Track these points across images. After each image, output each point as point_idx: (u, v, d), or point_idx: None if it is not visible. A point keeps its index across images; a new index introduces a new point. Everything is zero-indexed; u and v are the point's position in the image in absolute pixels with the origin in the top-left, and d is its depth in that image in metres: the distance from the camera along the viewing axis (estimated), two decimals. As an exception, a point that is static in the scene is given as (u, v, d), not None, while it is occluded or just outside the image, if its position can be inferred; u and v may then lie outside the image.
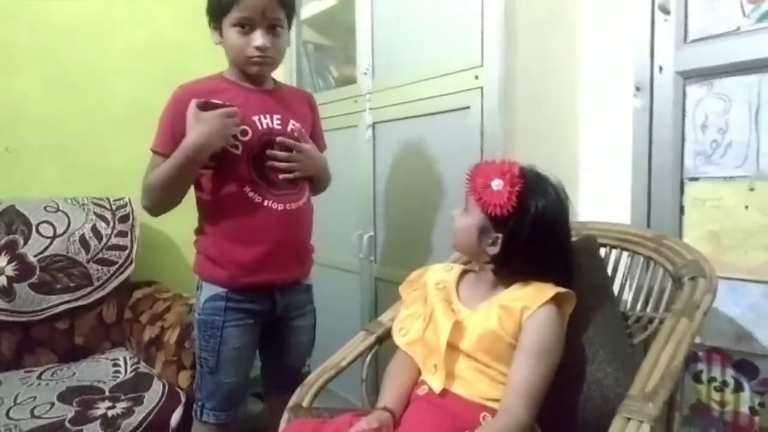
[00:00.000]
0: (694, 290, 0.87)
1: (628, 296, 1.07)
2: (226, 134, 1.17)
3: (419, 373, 1.00)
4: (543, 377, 0.86)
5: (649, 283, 1.03)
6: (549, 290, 0.90)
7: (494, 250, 0.94)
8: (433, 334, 0.97)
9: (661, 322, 0.96)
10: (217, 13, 1.20)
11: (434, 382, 0.94)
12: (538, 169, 0.98)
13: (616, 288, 1.09)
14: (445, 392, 0.93)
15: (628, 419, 0.70)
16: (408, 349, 1.02)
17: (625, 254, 1.10)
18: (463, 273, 1.07)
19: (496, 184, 0.92)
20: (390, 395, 0.98)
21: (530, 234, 0.91)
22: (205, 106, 1.16)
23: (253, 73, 1.26)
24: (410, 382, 1.00)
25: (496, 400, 0.89)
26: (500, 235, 0.93)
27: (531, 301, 0.89)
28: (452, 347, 0.94)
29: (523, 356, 0.87)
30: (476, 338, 0.91)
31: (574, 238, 1.17)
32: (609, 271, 1.11)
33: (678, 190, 1.26)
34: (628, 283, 1.09)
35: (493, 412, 0.88)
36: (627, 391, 0.84)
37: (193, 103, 1.16)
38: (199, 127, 1.15)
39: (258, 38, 1.19)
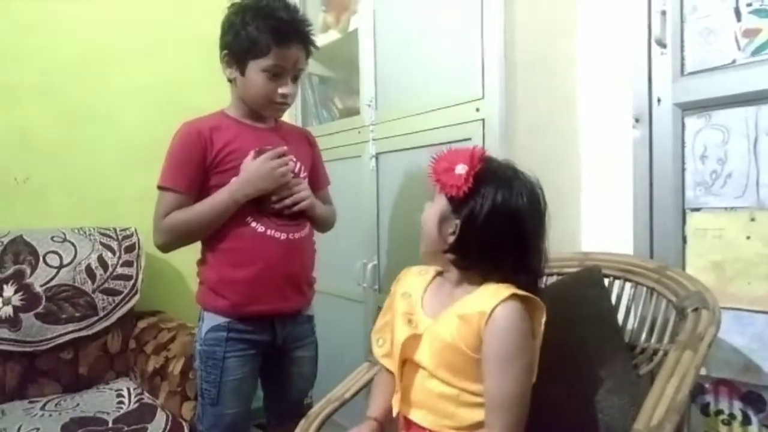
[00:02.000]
0: (698, 322, 0.87)
1: (632, 327, 1.07)
2: (274, 177, 1.22)
3: None
4: (515, 385, 0.82)
5: (653, 314, 1.03)
6: (506, 291, 0.84)
7: (453, 238, 0.89)
8: (394, 349, 0.95)
9: (666, 353, 0.95)
10: (246, 55, 1.23)
11: (395, 403, 0.93)
12: (515, 165, 0.94)
13: (620, 318, 1.09)
14: (407, 423, 0.92)
15: (633, 453, 0.69)
16: (384, 362, 1.00)
17: (628, 285, 1.10)
18: (435, 277, 1.02)
19: (460, 168, 0.88)
20: (377, 407, 0.99)
21: (485, 221, 0.86)
22: (258, 155, 1.23)
23: (269, 115, 1.31)
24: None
25: (475, 427, 0.85)
26: (458, 221, 0.89)
27: (486, 304, 0.83)
28: (412, 364, 0.91)
29: (488, 368, 0.83)
30: (436, 352, 0.88)
31: (576, 269, 1.18)
32: (613, 301, 1.11)
33: (680, 220, 1.27)
34: (632, 313, 1.09)
35: None
36: (632, 423, 0.84)
37: (251, 154, 1.23)
38: (246, 175, 1.21)
39: (287, 86, 1.25)
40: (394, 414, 0.92)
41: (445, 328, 0.88)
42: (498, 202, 0.86)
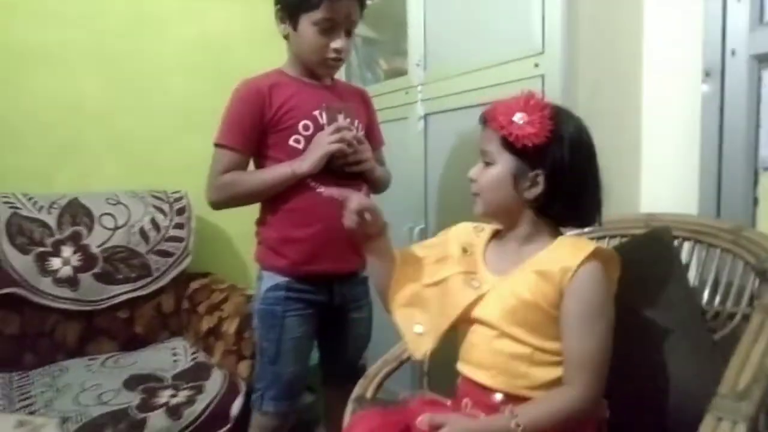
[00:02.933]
0: (783, 284, 0.83)
1: (703, 290, 1.02)
2: (326, 151, 1.20)
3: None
4: (597, 345, 0.80)
5: (729, 277, 0.98)
6: (588, 246, 0.82)
7: (537, 190, 0.85)
8: (440, 300, 0.92)
9: (745, 317, 0.92)
10: (298, 8, 1.20)
11: (415, 346, 0.92)
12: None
13: (690, 281, 1.04)
14: (469, 385, 0.90)
15: (720, 419, 0.67)
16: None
17: (698, 246, 1.05)
18: (493, 236, 0.98)
19: (519, 117, 0.83)
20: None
21: (571, 161, 0.83)
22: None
23: (323, 73, 1.28)
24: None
25: (548, 385, 0.82)
26: (540, 171, 0.84)
27: (570, 260, 0.81)
28: (470, 323, 0.89)
29: (570, 325, 0.81)
30: (509, 310, 0.84)
31: (641, 230, 1.14)
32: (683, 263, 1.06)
33: (751, 180, 1.21)
34: (702, 276, 1.05)
35: None
36: (711, 388, 0.81)
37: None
38: (312, 153, 1.21)
39: (339, 41, 1.22)
40: (419, 356, 0.92)
41: (521, 285, 0.84)
42: (576, 139, 0.84)
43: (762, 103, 1.19)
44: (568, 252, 0.83)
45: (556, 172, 0.84)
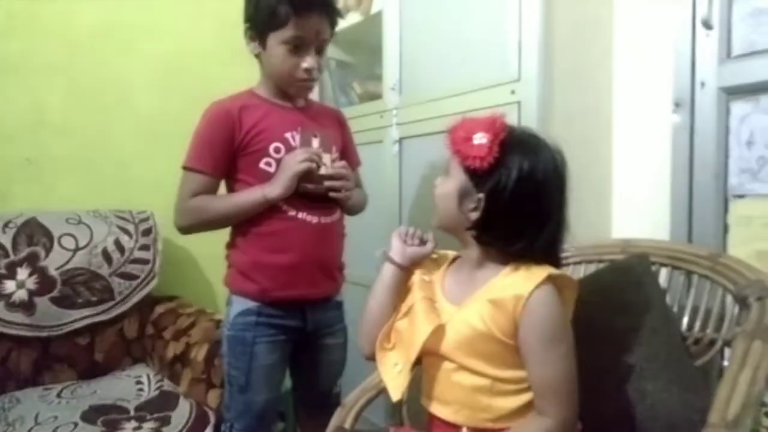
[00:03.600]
0: (764, 311, 0.84)
1: (683, 316, 1.03)
2: (295, 172, 1.17)
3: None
4: (563, 370, 0.79)
5: (707, 303, 1.00)
6: (541, 272, 0.80)
7: (476, 214, 0.83)
8: (408, 329, 0.90)
9: (726, 344, 0.93)
10: (266, 27, 1.18)
11: (394, 385, 0.89)
12: (537, 132, 0.88)
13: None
14: (433, 421, 0.89)
15: (713, 448, 0.66)
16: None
17: (676, 272, 1.07)
18: (452, 261, 0.98)
19: (479, 137, 0.81)
20: None
21: (514, 193, 0.80)
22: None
23: (295, 93, 1.26)
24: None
25: (511, 415, 0.82)
26: (482, 195, 0.82)
27: (521, 287, 0.79)
28: (434, 354, 0.86)
29: (531, 354, 0.79)
30: (465, 341, 0.83)
31: (618, 256, 1.15)
32: (660, 289, 1.08)
33: (722, 207, 1.24)
34: (680, 302, 1.06)
35: None
36: (696, 415, 0.81)
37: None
38: (281, 176, 1.17)
39: (310, 59, 1.19)
40: (395, 399, 0.89)
41: (474, 315, 0.82)
42: (525, 172, 0.80)
43: (730, 133, 1.23)
44: (521, 278, 0.82)
45: (496, 200, 0.82)
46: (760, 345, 0.79)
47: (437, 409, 0.88)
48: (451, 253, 0.99)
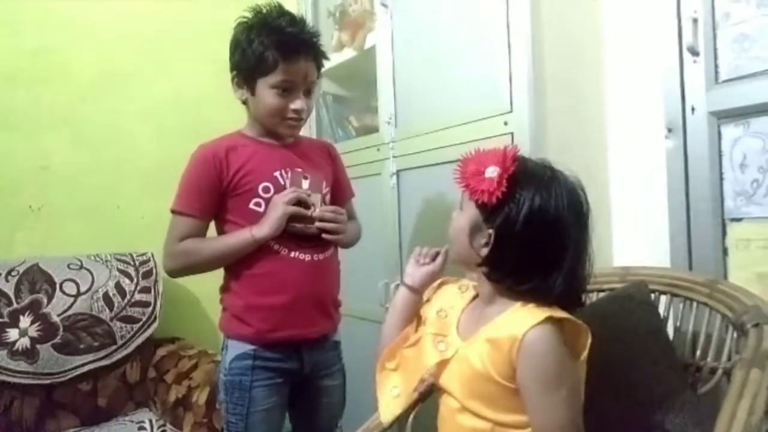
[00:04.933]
0: (761, 338, 0.83)
1: (683, 345, 1.02)
2: (284, 212, 1.18)
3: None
4: (563, 413, 0.74)
5: (707, 331, 0.99)
6: (541, 313, 0.76)
7: (486, 250, 0.80)
8: (415, 359, 0.90)
9: (725, 372, 0.91)
10: (254, 73, 1.19)
11: (387, 408, 0.91)
12: (552, 164, 0.84)
13: (669, 335, 1.04)
14: None
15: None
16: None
17: (676, 300, 1.06)
18: (476, 296, 0.94)
19: (491, 171, 0.78)
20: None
21: (523, 229, 0.77)
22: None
23: (284, 133, 1.27)
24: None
25: None
26: (491, 231, 0.79)
27: (518, 327, 0.75)
28: (442, 391, 0.87)
29: (529, 397, 0.75)
30: (466, 381, 0.81)
31: (617, 285, 1.14)
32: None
33: (720, 231, 1.23)
34: (680, 330, 1.05)
35: None
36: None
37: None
38: (270, 216, 1.18)
39: (298, 102, 1.21)
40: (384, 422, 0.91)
41: (474, 354, 0.80)
42: (536, 207, 0.77)
43: (724, 156, 1.23)
44: (520, 318, 0.78)
45: (505, 235, 0.79)
46: (757, 373, 0.77)
47: None
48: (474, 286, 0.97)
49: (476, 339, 0.82)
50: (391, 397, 0.92)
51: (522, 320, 0.77)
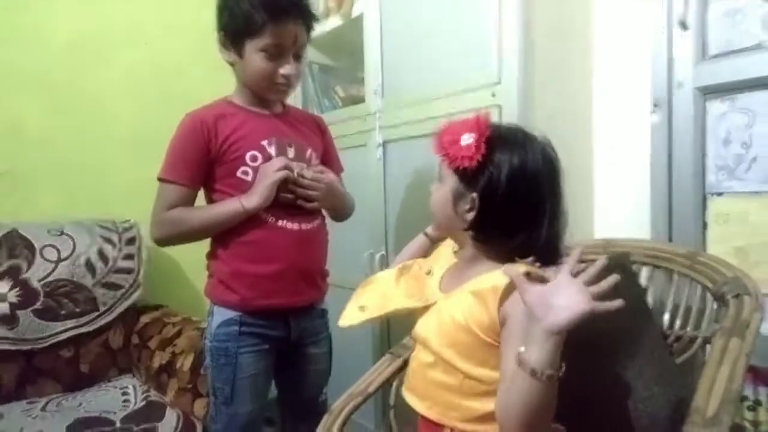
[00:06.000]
0: (741, 308, 0.85)
1: (663, 315, 1.05)
2: (273, 180, 1.18)
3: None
4: None
5: (687, 301, 1.01)
6: (522, 267, 0.79)
7: (472, 214, 0.84)
8: (398, 290, 0.97)
9: (705, 341, 0.94)
10: (242, 35, 1.17)
11: (349, 315, 0.97)
12: (520, 126, 0.88)
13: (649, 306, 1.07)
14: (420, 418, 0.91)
15: (693, 446, 0.67)
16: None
17: (657, 271, 1.08)
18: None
19: (466, 138, 0.82)
20: None
21: (507, 188, 0.80)
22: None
23: (272, 98, 1.25)
24: None
25: (485, 418, 0.80)
26: (475, 195, 0.83)
27: (501, 279, 0.78)
28: (418, 341, 0.91)
29: (508, 347, 0.76)
30: (444, 331, 0.84)
31: (601, 256, 1.15)
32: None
33: (700, 205, 1.25)
34: (661, 300, 1.07)
35: None
36: (677, 413, 0.82)
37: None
38: (259, 186, 1.18)
39: (287, 66, 1.19)
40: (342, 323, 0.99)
41: (456, 306, 0.84)
42: (516, 165, 0.81)
43: (708, 132, 1.25)
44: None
45: (489, 197, 0.82)
46: (737, 342, 0.80)
47: (413, 402, 0.91)
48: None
49: (459, 292, 0.85)
50: (356, 308, 0.97)
51: (503, 273, 0.79)
